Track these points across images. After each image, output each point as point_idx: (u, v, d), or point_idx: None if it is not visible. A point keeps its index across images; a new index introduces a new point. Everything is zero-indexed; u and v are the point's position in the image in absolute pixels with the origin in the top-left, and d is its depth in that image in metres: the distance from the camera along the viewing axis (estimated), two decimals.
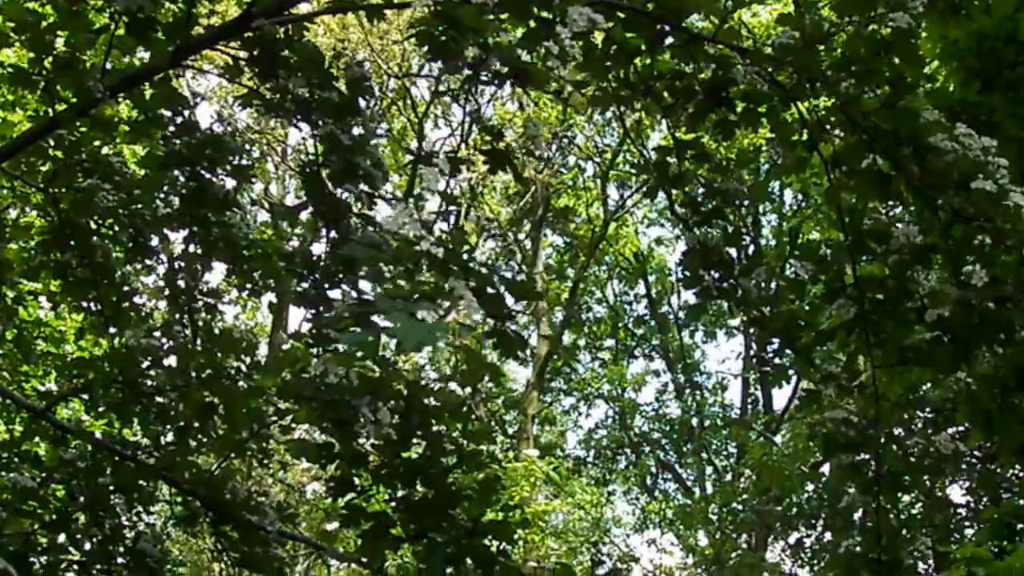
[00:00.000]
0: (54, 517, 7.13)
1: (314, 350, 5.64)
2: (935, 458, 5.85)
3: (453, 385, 5.96)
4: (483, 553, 6.24)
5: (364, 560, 6.76)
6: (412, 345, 3.35)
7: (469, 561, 6.23)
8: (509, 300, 4.40)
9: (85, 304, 7.48)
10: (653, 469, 29.97)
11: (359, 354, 6.02)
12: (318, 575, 25.31)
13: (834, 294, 5.71)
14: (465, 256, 4.07)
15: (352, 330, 4.65)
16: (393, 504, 6.24)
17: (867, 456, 5.93)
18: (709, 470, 28.31)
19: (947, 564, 10.88)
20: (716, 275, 5.81)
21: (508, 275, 4.82)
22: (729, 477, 25.78)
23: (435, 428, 6.10)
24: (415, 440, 6.12)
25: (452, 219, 4.34)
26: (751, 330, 27.71)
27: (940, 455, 5.77)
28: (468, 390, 5.94)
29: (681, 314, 30.04)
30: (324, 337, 5.56)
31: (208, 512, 7.28)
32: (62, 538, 7.05)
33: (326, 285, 5.62)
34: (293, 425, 6.83)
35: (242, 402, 6.57)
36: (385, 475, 6.26)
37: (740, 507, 21.51)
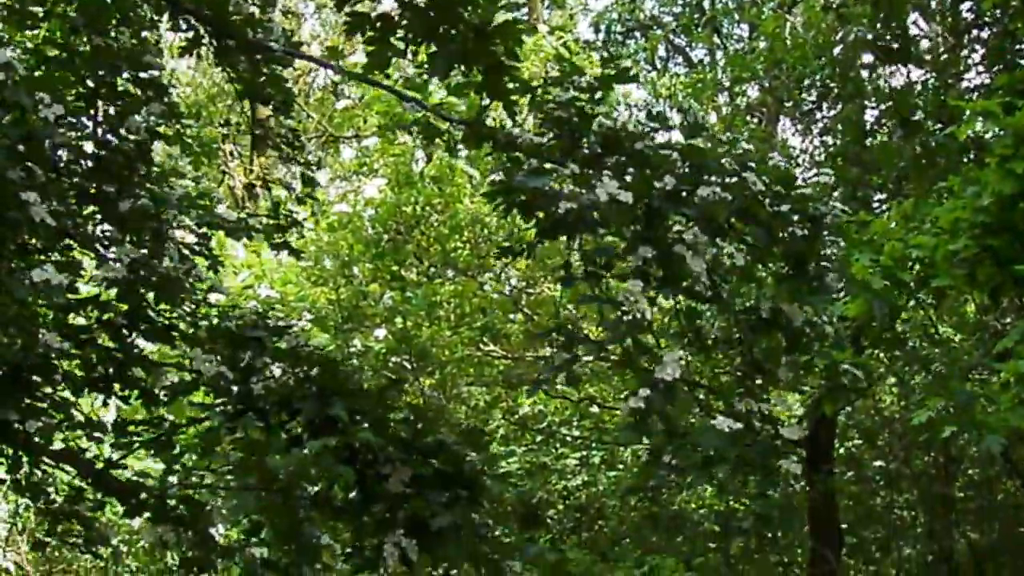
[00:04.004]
0: None
1: None
2: None
3: None
4: (490, 56, 6.16)
5: (369, 77, 6.71)
6: None
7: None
8: None
9: None
10: (663, 52, 29.65)
11: None
12: (328, 161, 25.64)
13: None
14: None
15: None
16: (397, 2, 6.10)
17: None
18: (720, 55, 27.94)
19: (959, 118, 10.79)
20: None
21: None
22: None
23: None
24: None
25: None
26: None
27: None
28: None
29: None
30: None
31: (211, 37, 7.16)
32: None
33: None
34: None
35: None
36: None
37: (750, 82, 21.35)
